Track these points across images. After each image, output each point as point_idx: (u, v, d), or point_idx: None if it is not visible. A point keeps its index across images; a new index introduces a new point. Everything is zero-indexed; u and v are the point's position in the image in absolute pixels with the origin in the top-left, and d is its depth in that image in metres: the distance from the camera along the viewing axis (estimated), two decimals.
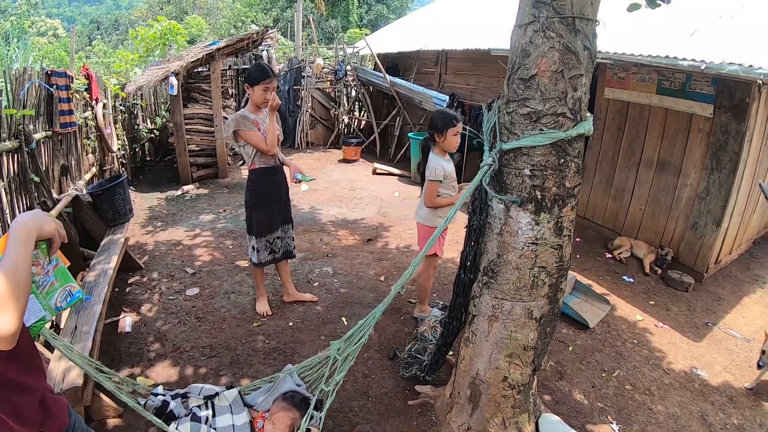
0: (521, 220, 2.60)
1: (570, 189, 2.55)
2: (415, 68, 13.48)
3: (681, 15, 7.43)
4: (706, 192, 6.73)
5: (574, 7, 2.36)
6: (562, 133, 2.42)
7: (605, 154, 8.16)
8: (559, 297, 2.80)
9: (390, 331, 4.75)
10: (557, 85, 2.42)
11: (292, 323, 4.78)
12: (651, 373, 4.58)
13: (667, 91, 7.12)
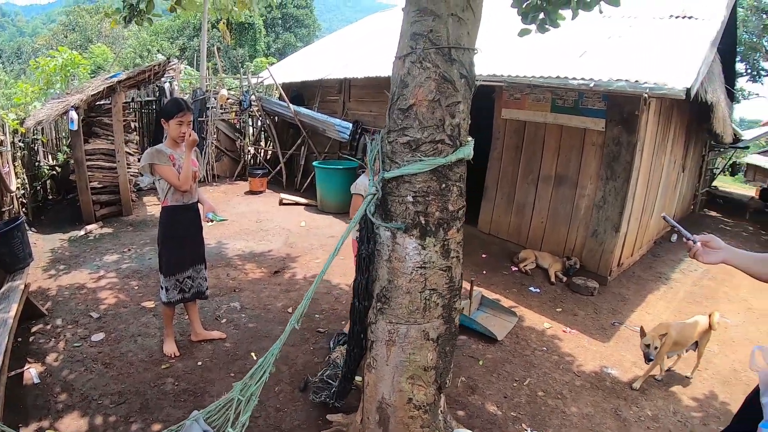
0: (408, 245, 2.66)
1: (454, 212, 2.65)
2: (319, 97, 13.52)
3: (572, 37, 7.81)
4: (603, 201, 7.07)
5: (450, 37, 2.47)
6: (442, 159, 2.51)
7: (505, 172, 8.45)
8: (454, 316, 2.88)
9: (300, 362, 4.74)
10: (435, 113, 2.52)
11: (201, 363, 4.68)
12: (562, 378, 4.74)
13: (561, 108, 7.49)
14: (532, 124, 7.98)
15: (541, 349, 5.24)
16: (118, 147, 9.22)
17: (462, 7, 2.48)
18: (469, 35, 2.52)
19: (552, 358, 5.11)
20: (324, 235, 8.78)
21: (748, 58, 16.87)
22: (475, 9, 2.55)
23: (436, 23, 2.48)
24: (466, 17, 2.51)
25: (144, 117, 13.22)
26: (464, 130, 2.62)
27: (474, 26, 2.59)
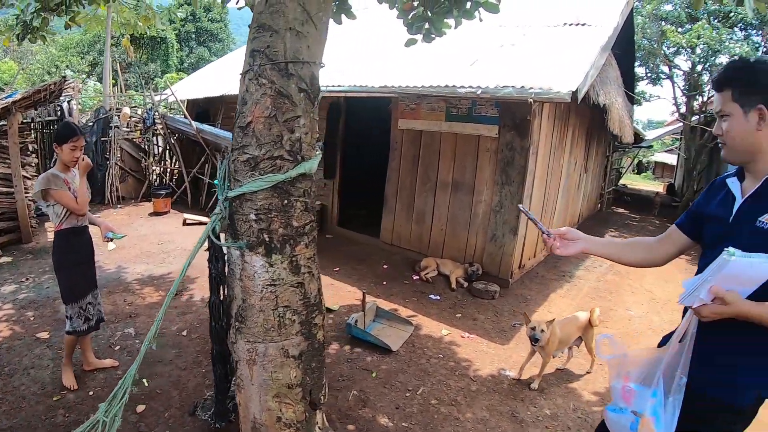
0: (255, 263, 2.66)
1: (299, 228, 2.65)
2: (221, 113, 13.38)
3: (466, 46, 8.04)
4: (500, 205, 7.25)
5: (288, 52, 2.48)
6: (281, 176, 2.51)
7: (404, 182, 8.57)
8: (315, 332, 2.88)
9: (192, 385, 4.64)
10: (272, 129, 2.52)
11: (93, 392, 4.51)
12: (457, 384, 4.76)
13: (455, 117, 7.66)
14: (428, 134, 8.13)
15: (437, 357, 5.27)
16: (14, 171, 8.73)
17: (301, 21, 2.50)
18: (309, 48, 2.54)
19: (448, 364, 5.14)
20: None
21: (647, 62, 17.62)
22: (317, 22, 2.57)
23: (273, 38, 2.49)
24: (306, 31, 2.53)
25: (45, 138, 12.68)
26: (307, 144, 2.63)
27: (316, 39, 2.61)
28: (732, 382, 1.99)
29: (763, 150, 1.97)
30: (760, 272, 1.77)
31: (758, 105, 1.91)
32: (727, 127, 2.03)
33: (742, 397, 1.98)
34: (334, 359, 5.06)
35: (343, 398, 4.37)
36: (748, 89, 1.93)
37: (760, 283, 1.81)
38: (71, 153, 4.16)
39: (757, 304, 1.83)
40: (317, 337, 2.92)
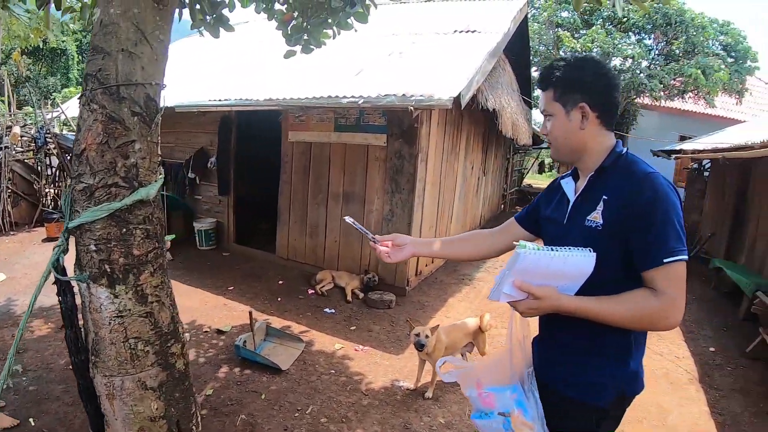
0: (101, 295, 2.59)
1: (141, 256, 2.60)
2: None
3: (355, 56, 8.12)
4: (392, 214, 7.33)
5: (120, 75, 2.43)
6: (117, 204, 2.46)
7: (296, 195, 8.55)
8: (173, 362, 2.82)
9: (77, 422, 4.38)
10: (104, 156, 2.46)
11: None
12: (348, 400, 4.71)
13: (343, 127, 7.71)
14: (318, 145, 8.14)
15: (328, 373, 5.23)
16: None
17: (134, 42, 2.46)
18: (144, 69, 2.50)
19: (339, 380, 5.08)
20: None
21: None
22: (152, 41, 2.53)
23: (105, 61, 2.45)
24: (140, 51, 2.48)
25: None
26: (145, 169, 2.58)
27: (152, 59, 2.56)
28: (583, 382, 2.00)
29: (588, 149, 2.00)
30: (561, 265, 1.79)
31: (580, 103, 1.93)
32: (550, 127, 2.04)
33: (598, 396, 1.98)
34: (223, 383, 4.96)
35: (231, 423, 4.27)
36: (569, 88, 1.96)
37: (576, 277, 1.85)
38: None
39: (574, 299, 1.86)
40: (177, 367, 2.86)
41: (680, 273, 1.79)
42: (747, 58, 16.24)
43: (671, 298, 1.77)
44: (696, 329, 7.18)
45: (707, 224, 12.60)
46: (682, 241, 1.78)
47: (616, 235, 1.85)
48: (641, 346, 2.04)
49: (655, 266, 1.78)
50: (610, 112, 1.97)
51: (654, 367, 5.78)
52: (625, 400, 2.05)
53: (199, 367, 5.26)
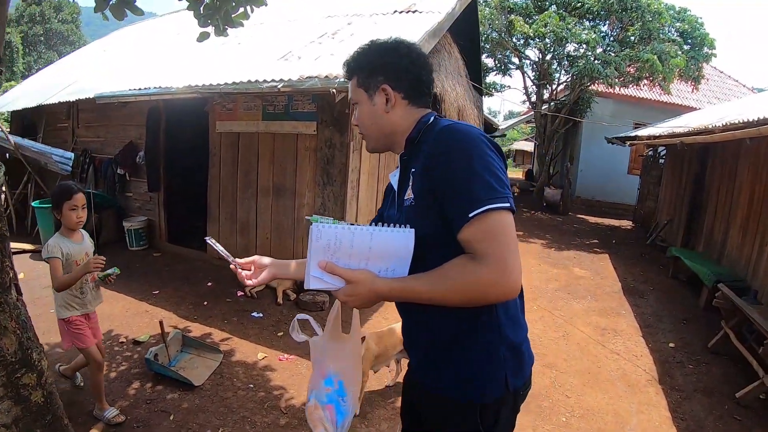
0: None
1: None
2: (44, 124, 12.48)
3: (285, 39, 7.86)
4: (324, 207, 7.04)
5: None
6: None
7: (225, 190, 8.22)
8: (27, 393, 2.51)
9: None
10: None
11: None
12: (263, 419, 4.38)
13: (271, 115, 7.38)
14: (246, 135, 7.84)
15: (246, 388, 4.86)
16: None
17: None
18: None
19: (257, 396, 4.74)
20: (40, 287, 7.92)
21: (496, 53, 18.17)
22: None
23: None
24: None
25: None
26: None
27: None
28: (453, 377, 1.80)
29: (398, 131, 1.91)
30: (367, 242, 1.65)
31: (381, 85, 1.87)
32: (358, 115, 1.97)
33: (472, 391, 1.77)
34: (132, 401, 4.58)
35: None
36: (370, 72, 1.90)
37: (396, 258, 1.69)
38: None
39: (388, 281, 1.69)
40: (32, 399, 2.54)
41: (497, 225, 1.55)
42: (704, 45, 16.19)
43: (494, 258, 1.53)
44: (654, 322, 7.12)
45: (663, 211, 12.77)
46: (493, 189, 1.56)
47: (430, 207, 1.69)
48: (512, 323, 1.81)
49: (464, 224, 1.57)
50: (417, 90, 1.92)
51: (610, 369, 5.64)
52: (518, 393, 1.85)
53: (109, 383, 4.86)
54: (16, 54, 38.76)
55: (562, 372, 5.41)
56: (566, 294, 8.19)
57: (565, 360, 5.74)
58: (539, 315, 7.08)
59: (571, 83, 16.70)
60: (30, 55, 43.09)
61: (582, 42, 15.00)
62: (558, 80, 17.64)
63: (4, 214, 2.50)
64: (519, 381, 1.82)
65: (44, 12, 46.19)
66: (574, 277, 9.01)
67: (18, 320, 2.52)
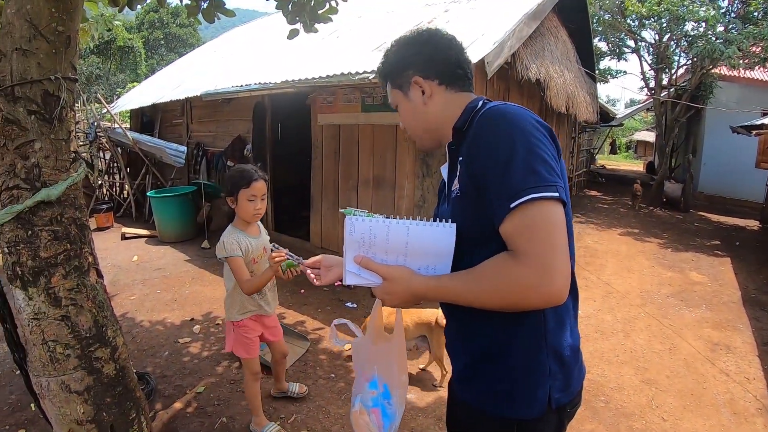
0: (18, 297, 2.63)
1: (49, 259, 2.60)
2: (159, 120, 13.51)
3: (382, 31, 8.12)
4: (423, 200, 7.15)
5: (14, 75, 2.43)
6: (19, 206, 2.47)
7: (327, 181, 8.51)
8: (100, 366, 2.83)
9: None
10: (4, 159, 2.49)
11: None
12: (338, 410, 4.46)
13: (371, 107, 7.56)
14: (347, 127, 8.07)
15: (327, 377, 5.04)
16: None
17: (28, 38, 2.45)
18: (41, 65, 2.48)
19: (336, 386, 4.87)
20: (151, 268, 8.63)
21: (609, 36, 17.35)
22: (48, 35, 2.49)
23: (2, 63, 2.46)
24: (35, 47, 2.47)
25: None
26: (50, 168, 2.58)
27: (50, 53, 2.52)
28: (492, 390, 1.68)
29: (443, 122, 1.78)
30: (403, 236, 1.60)
31: (412, 79, 1.79)
32: (401, 118, 1.92)
33: (511, 405, 1.64)
34: (218, 380, 4.97)
35: (210, 425, 4.28)
36: (398, 69, 1.84)
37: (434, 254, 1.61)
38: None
39: (424, 279, 1.61)
40: (105, 372, 2.87)
41: (540, 218, 1.39)
42: None
43: (535, 257, 1.38)
44: None
45: None
46: (539, 176, 1.41)
47: (474, 198, 1.57)
48: (561, 331, 1.66)
49: (504, 215, 1.43)
50: (450, 73, 1.80)
51: (716, 391, 4.96)
52: (562, 411, 1.71)
53: (200, 361, 5.32)
54: (139, 58, 41.19)
55: (662, 390, 4.91)
56: (678, 301, 7.42)
57: (668, 377, 5.17)
58: (646, 323, 6.49)
59: (691, 66, 15.57)
60: (152, 58, 45.74)
61: (700, 20, 14.01)
62: (677, 63, 16.52)
63: (84, 206, 2.81)
64: (565, 398, 1.67)
65: (162, 18, 48.92)
66: (690, 283, 8.28)
67: (95, 300, 2.84)
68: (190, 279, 8.05)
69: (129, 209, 12.95)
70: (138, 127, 14.68)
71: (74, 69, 2.68)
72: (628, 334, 6.12)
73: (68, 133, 2.66)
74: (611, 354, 5.60)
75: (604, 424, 4.34)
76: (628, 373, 5.21)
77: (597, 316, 6.61)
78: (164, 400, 4.68)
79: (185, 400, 4.61)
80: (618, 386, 4.94)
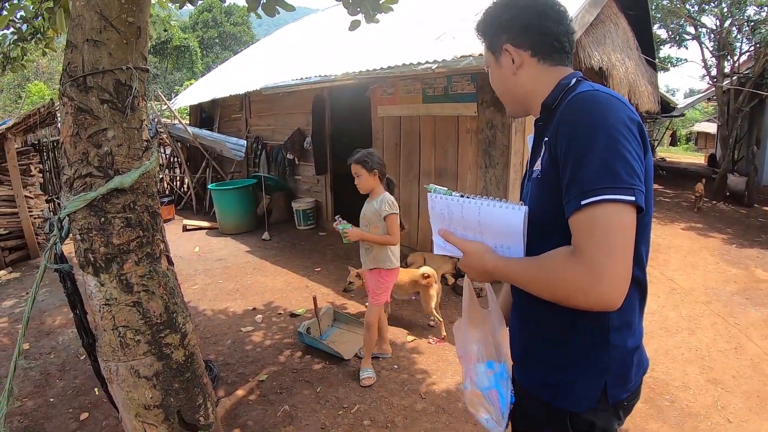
0: (90, 283, 2.66)
1: (121, 245, 2.61)
2: (218, 116, 13.77)
3: (436, 21, 7.98)
4: (485, 191, 7.03)
5: (86, 65, 2.45)
6: (93, 194, 2.49)
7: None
8: (169, 352, 2.84)
9: None
10: (77, 147, 2.51)
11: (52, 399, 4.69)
12: (401, 402, 4.46)
13: (431, 98, 7.50)
14: (407, 119, 8.03)
15: (390, 368, 5.05)
16: (17, 192, 9.36)
17: (98, 30, 2.46)
18: (111, 56, 2.49)
19: (400, 377, 4.88)
20: (212, 259, 8.77)
21: (668, 23, 16.81)
22: (119, 26, 2.50)
23: (73, 54, 2.49)
24: (106, 38, 2.48)
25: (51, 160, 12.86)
26: (123, 156, 2.59)
27: (121, 44, 2.52)
28: (550, 381, 1.66)
29: (532, 94, 1.71)
30: (476, 215, 1.63)
31: (503, 45, 1.71)
32: (491, 80, 1.85)
33: (567, 398, 1.61)
34: (280, 369, 5.02)
35: (272, 413, 4.31)
36: (494, 32, 1.75)
37: (506, 234, 1.60)
38: None
39: (496, 257, 1.61)
40: (174, 357, 2.88)
41: (605, 221, 1.33)
42: None
43: (588, 258, 1.33)
44: None
45: None
46: (616, 177, 1.33)
47: (552, 183, 1.51)
48: (624, 329, 1.59)
49: (574, 210, 1.38)
50: (545, 44, 1.68)
51: None
52: (613, 405, 1.62)
53: (262, 350, 5.39)
54: (195, 56, 41.94)
55: (728, 391, 4.72)
56: (744, 299, 7.06)
57: (734, 377, 4.97)
58: (711, 321, 6.26)
59: (754, 53, 14.87)
60: (208, 56, 46.49)
61: (763, 4, 13.48)
62: (740, 50, 15.78)
63: (156, 195, 2.83)
64: (622, 393, 1.62)
65: (216, 17, 49.69)
66: (755, 280, 7.93)
67: (166, 287, 2.85)
68: (251, 269, 8.14)
69: (189, 202, 13.21)
70: (197, 123, 15.03)
71: (145, 59, 2.69)
72: (693, 331, 5.93)
73: (140, 122, 2.68)
74: (676, 352, 5.44)
75: (669, 423, 4.21)
76: (693, 371, 5.05)
77: (661, 313, 6.44)
78: (227, 387, 4.76)
79: (248, 388, 4.66)
80: (683, 385, 4.79)
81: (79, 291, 2.88)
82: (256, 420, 4.23)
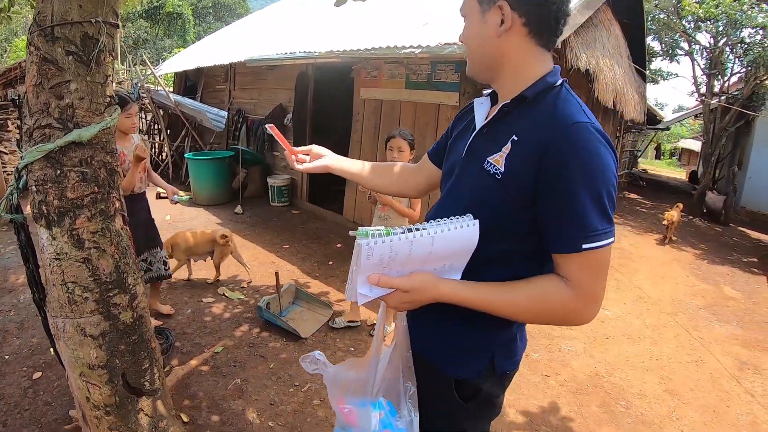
0: (42, 236, 2.65)
1: (75, 200, 2.60)
2: (203, 85, 13.70)
3: (428, 7, 7.88)
4: None
5: (55, 16, 2.44)
6: (50, 145, 2.48)
7: (365, 156, 8.46)
8: (117, 312, 2.84)
9: None
10: (39, 97, 2.50)
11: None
12: None
13: (414, 84, 7.53)
14: (389, 103, 8.06)
15: (347, 349, 5.06)
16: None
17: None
18: (82, 8, 2.47)
19: (357, 356, 4.86)
20: (183, 228, 8.70)
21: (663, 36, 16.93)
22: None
23: (44, 4, 2.48)
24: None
25: None
26: (84, 110, 2.58)
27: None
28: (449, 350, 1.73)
29: (508, 66, 1.60)
30: (428, 248, 1.48)
31: (499, 2, 1.52)
32: (464, 31, 1.68)
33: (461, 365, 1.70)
34: (236, 342, 5.03)
35: (223, 386, 4.31)
36: None
37: (456, 255, 1.55)
38: (127, 121, 4.49)
39: (457, 286, 1.55)
40: (121, 318, 2.88)
41: (602, 261, 1.46)
42: None
43: (587, 290, 1.46)
44: None
45: None
46: (608, 219, 1.43)
47: (519, 191, 1.49)
48: None
49: (570, 252, 1.45)
50: (544, 24, 1.56)
51: (739, 411, 4.76)
52: (499, 375, 1.74)
53: (221, 322, 5.41)
54: (188, 24, 41.61)
55: (685, 403, 4.78)
56: (710, 314, 7.17)
57: (692, 390, 5.04)
58: (675, 332, 6.34)
59: (745, 75, 15.03)
60: (200, 25, 46.04)
61: (758, 26, 13.62)
62: (731, 70, 15.91)
63: (116, 152, 2.82)
64: (510, 366, 1.77)
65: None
66: (723, 297, 8.03)
67: (118, 246, 2.85)
68: None
69: (166, 170, 13.10)
70: (181, 91, 14.92)
71: (116, 15, 2.68)
72: (655, 341, 6.01)
73: (105, 77, 2.66)
74: (636, 359, 5.51)
75: (622, 429, 4.27)
76: (652, 380, 5.11)
77: (626, 319, 6.52)
78: (182, 356, 4.76)
79: (202, 359, 4.68)
80: (640, 393, 4.85)
81: (33, 244, 2.87)
82: (206, 391, 4.23)
